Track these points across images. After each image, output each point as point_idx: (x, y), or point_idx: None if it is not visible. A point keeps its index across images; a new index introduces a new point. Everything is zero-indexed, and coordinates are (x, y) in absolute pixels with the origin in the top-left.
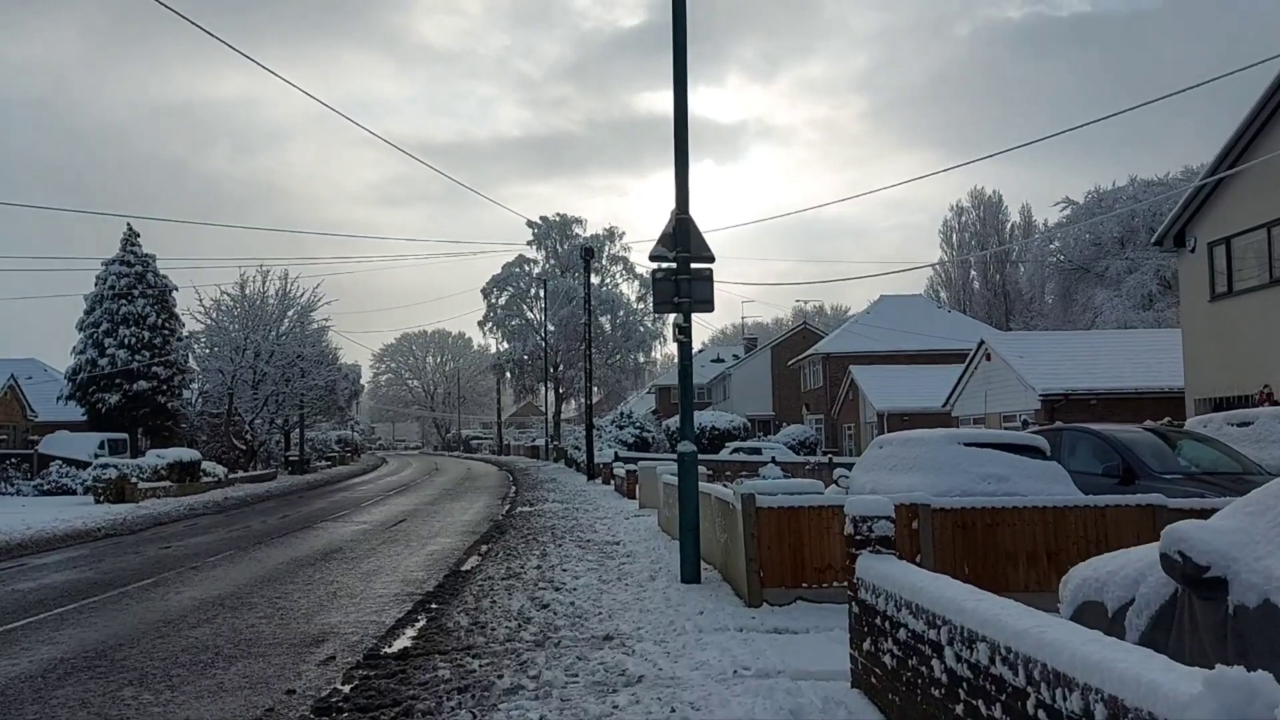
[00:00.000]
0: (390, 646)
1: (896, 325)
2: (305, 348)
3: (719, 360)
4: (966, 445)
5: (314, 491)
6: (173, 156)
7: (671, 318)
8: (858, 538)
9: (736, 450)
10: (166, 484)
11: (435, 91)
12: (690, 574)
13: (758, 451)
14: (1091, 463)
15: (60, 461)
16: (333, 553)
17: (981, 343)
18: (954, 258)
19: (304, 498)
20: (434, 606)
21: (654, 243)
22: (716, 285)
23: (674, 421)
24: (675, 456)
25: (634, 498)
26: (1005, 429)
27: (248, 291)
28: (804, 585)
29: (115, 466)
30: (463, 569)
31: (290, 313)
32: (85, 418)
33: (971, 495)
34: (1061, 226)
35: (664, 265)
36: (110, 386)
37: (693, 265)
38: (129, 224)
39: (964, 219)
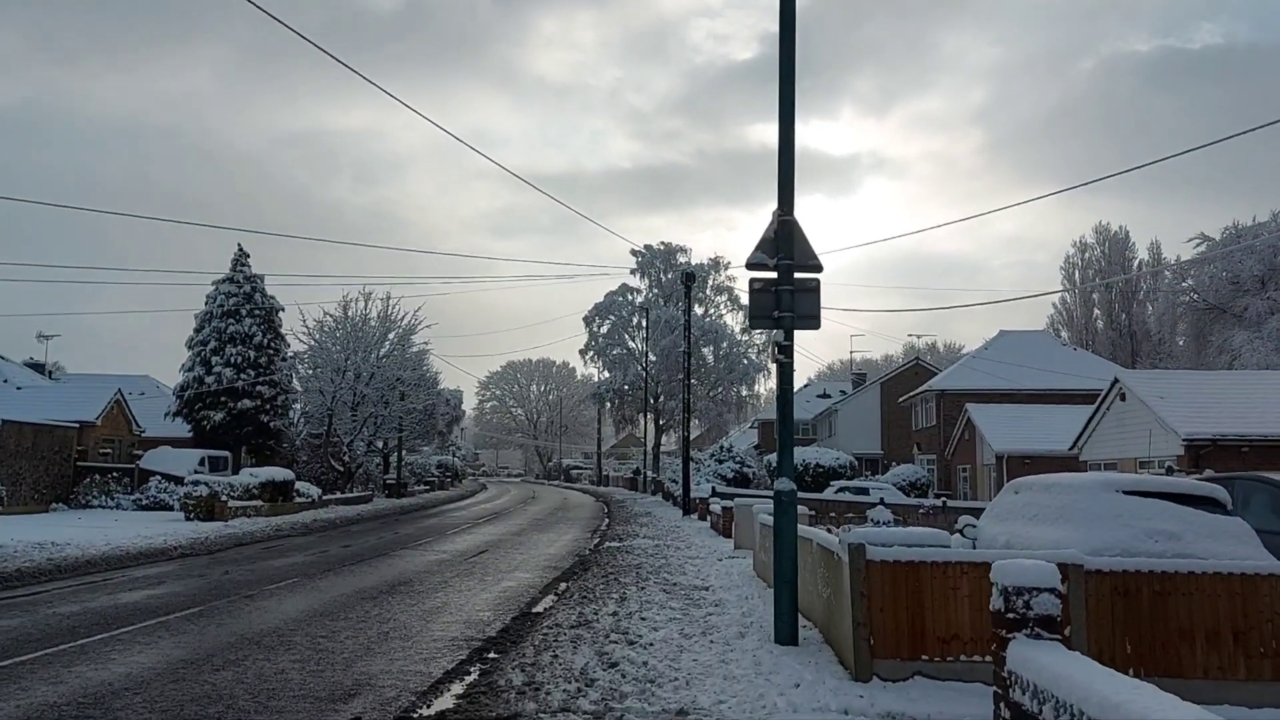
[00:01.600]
0: (428, 707)
1: (1016, 363)
2: (405, 371)
3: (825, 395)
4: (1127, 494)
5: (405, 516)
6: (298, 185)
7: (772, 336)
8: (1009, 615)
9: (842, 490)
10: (258, 503)
11: (547, 124)
12: (786, 633)
13: (865, 491)
14: (1272, 519)
15: (159, 477)
16: (401, 585)
17: (1115, 381)
18: (1078, 293)
19: (393, 522)
20: (490, 657)
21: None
22: (824, 316)
23: (776, 457)
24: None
25: (729, 536)
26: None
27: (350, 313)
28: (924, 658)
29: (206, 484)
30: (534, 610)
31: (391, 335)
32: (191, 434)
33: (1134, 555)
34: (1196, 263)
35: (762, 275)
36: (215, 404)
37: (796, 275)
38: (239, 244)
39: (1087, 255)
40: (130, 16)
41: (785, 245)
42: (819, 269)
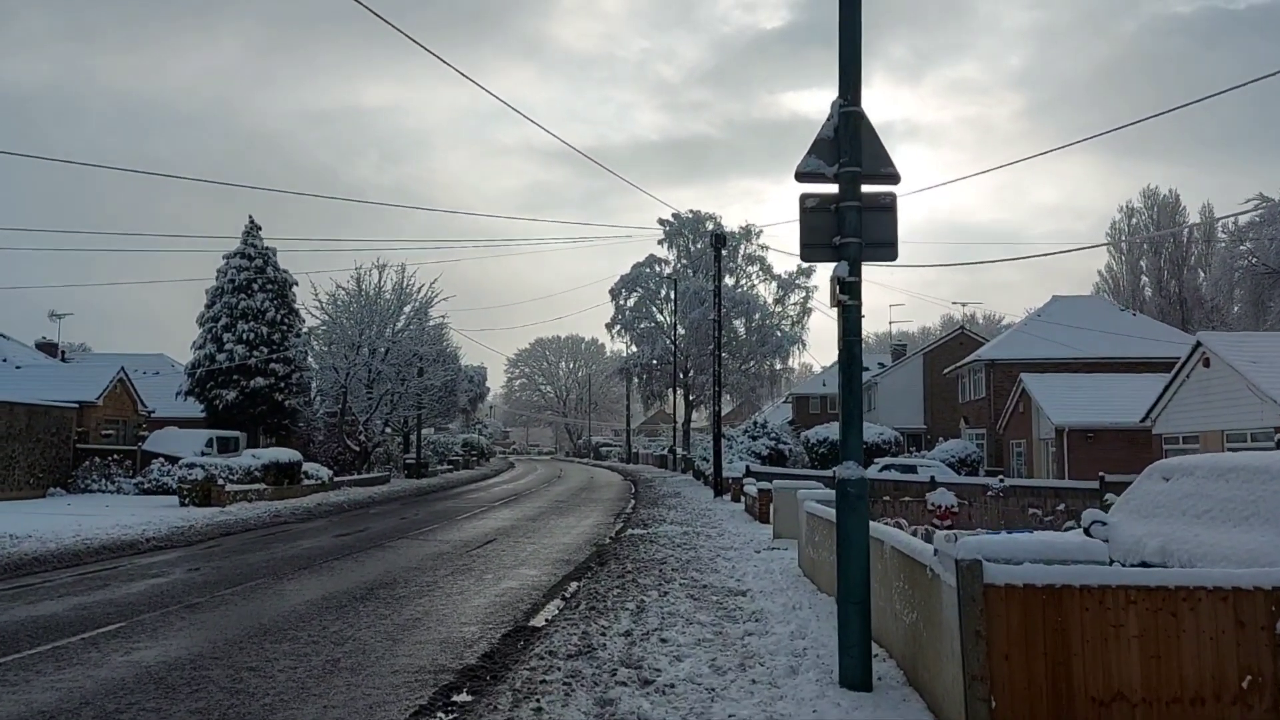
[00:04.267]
0: None
1: (1072, 328)
2: (423, 346)
3: (863, 369)
4: None
5: (420, 499)
6: (322, 164)
7: (829, 274)
8: None
9: (887, 468)
10: (260, 486)
11: (574, 97)
12: (855, 674)
13: (912, 469)
14: None
15: (162, 459)
16: (381, 587)
17: (1197, 345)
18: (1125, 260)
19: (404, 506)
20: (456, 702)
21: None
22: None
23: (814, 433)
24: (818, 476)
25: (766, 522)
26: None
27: (363, 285)
28: None
29: (202, 467)
30: (530, 624)
31: (407, 308)
32: (204, 414)
33: None
34: (1255, 226)
35: (817, 189)
36: (228, 383)
37: (865, 188)
38: (250, 216)
39: (1135, 221)
40: None
41: (850, 146)
42: (895, 178)
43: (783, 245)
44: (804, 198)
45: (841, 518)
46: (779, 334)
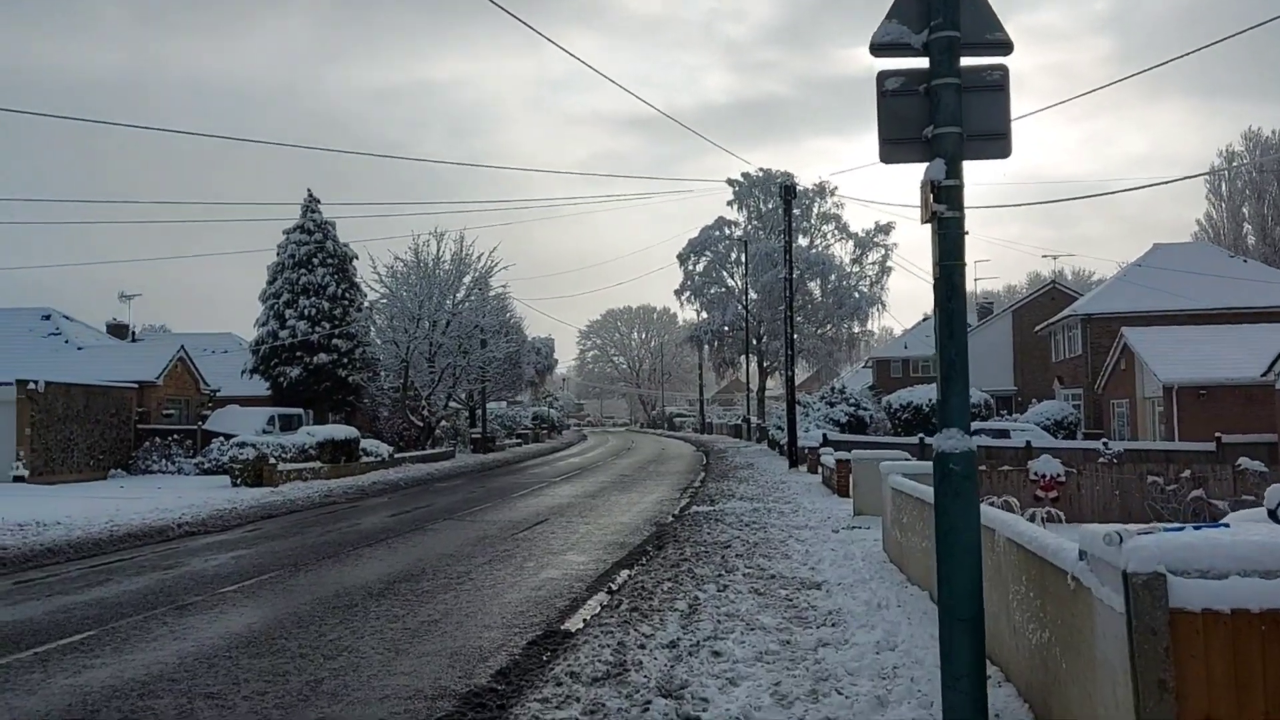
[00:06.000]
0: None
1: (1177, 279)
2: (484, 317)
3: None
4: None
5: (481, 474)
6: (390, 142)
7: (923, 175)
8: None
9: (977, 433)
10: (315, 465)
11: (640, 62)
12: (965, 713)
13: (1004, 434)
14: None
15: (221, 438)
16: (406, 579)
17: None
18: (1226, 207)
19: (461, 483)
20: None
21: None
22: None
23: (897, 397)
24: (902, 444)
25: (846, 495)
26: None
27: (421, 256)
28: None
29: (254, 446)
30: (563, 627)
31: (466, 278)
32: (269, 392)
33: None
34: None
35: (899, 65)
36: (291, 359)
37: (966, 60)
38: (309, 190)
39: (1236, 164)
40: None
41: (944, 3)
42: (1006, 46)
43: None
44: (883, 77)
45: (943, 503)
46: (856, 295)
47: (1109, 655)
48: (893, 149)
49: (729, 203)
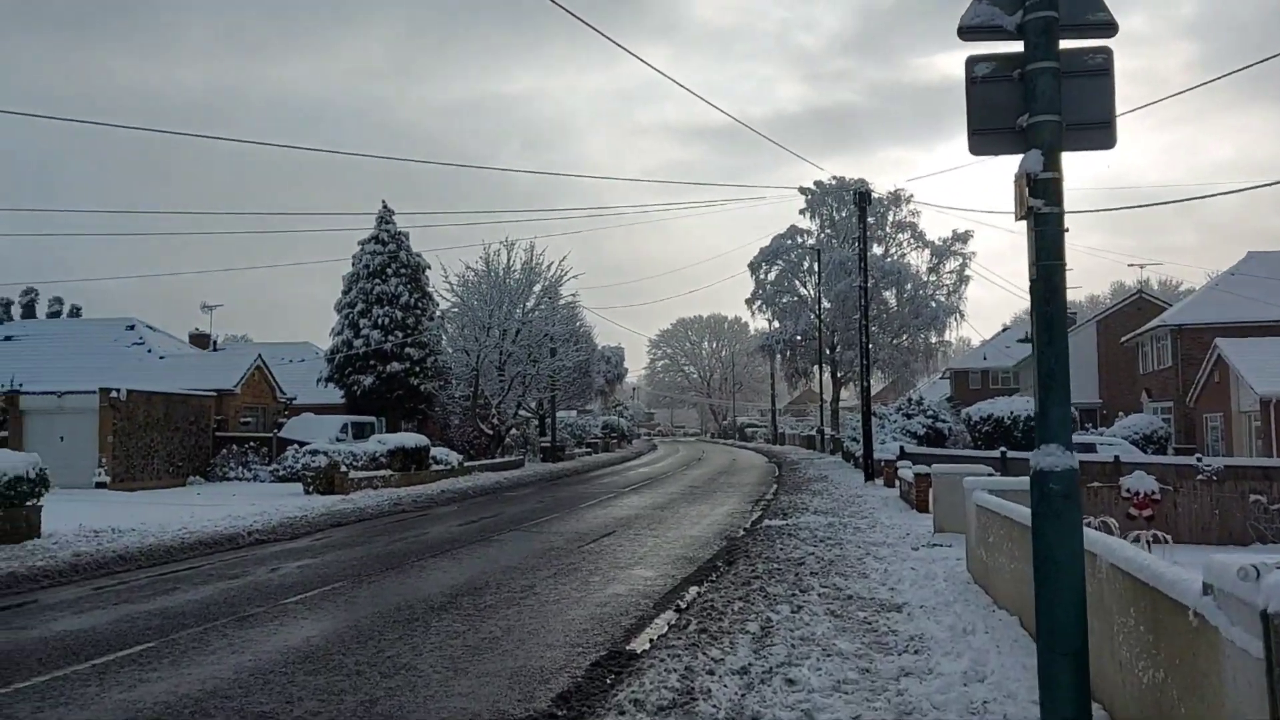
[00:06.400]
0: None
1: (1274, 287)
2: (554, 326)
3: (1027, 340)
4: None
5: (550, 484)
6: (467, 156)
7: (1016, 168)
8: None
9: None
10: (386, 473)
11: (712, 73)
12: None
13: (1091, 448)
14: None
15: (296, 445)
16: (470, 592)
17: None
18: None
19: (530, 492)
20: None
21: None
22: (1015, 250)
23: (977, 409)
24: (983, 458)
25: (925, 511)
26: None
27: (491, 265)
28: None
29: (325, 454)
30: (628, 648)
31: (536, 287)
32: (344, 400)
33: None
34: None
35: (991, 52)
36: (365, 368)
37: (1065, 43)
38: (383, 201)
39: None
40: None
41: None
42: (1109, 27)
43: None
44: (972, 63)
45: (1041, 525)
46: (933, 305)
47: (1241, 705)
48: (982, 140)
49: (801, 211)
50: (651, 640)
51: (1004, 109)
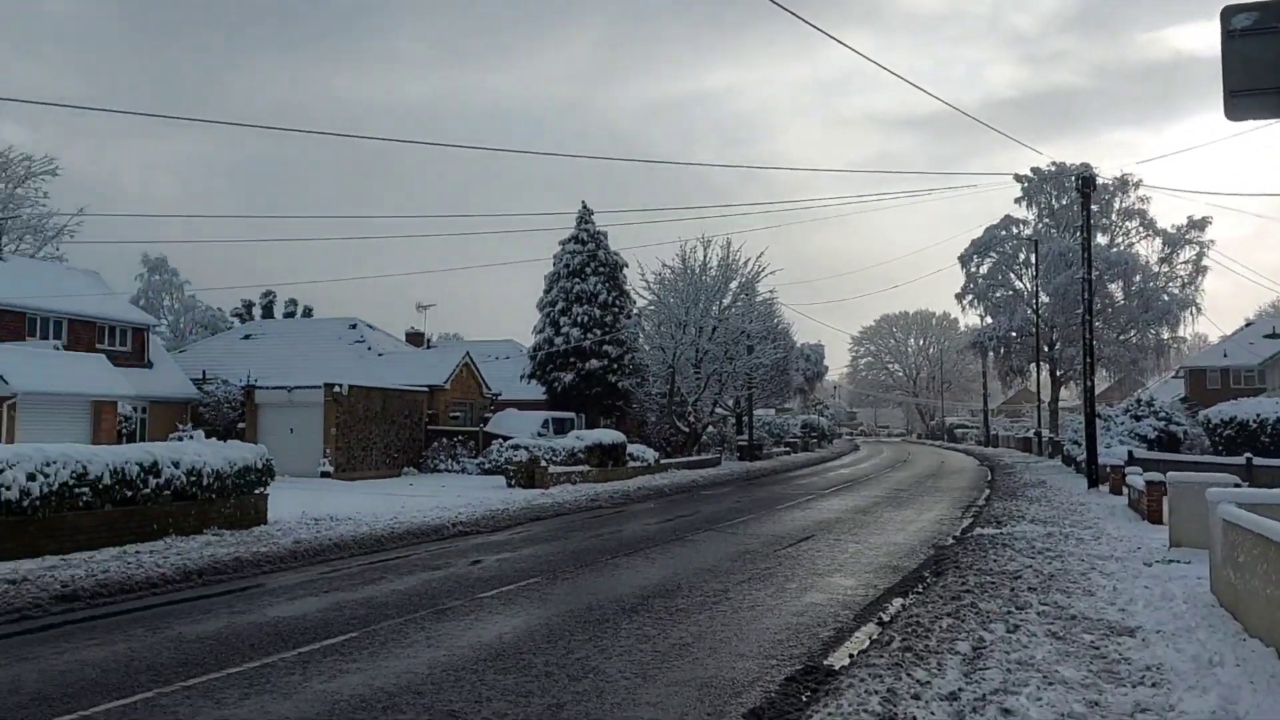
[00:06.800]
0: None
1: None
2: (751, 323)
3: (1274, 335)
4: None
5: (746, 483)
6: (665, 155)
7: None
8: None
9: None
10: (584, 468)
11: (919, 60)
12: None
13: None
14: None
15: (500, 439)
16: (661, 594)
17: None
18: None
19: (725, 491)
20: None
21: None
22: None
23: (1217, 411)
24: (1226, 465)
25: (1159, 523)
26: None
27: (688, 263)
28: None
29: (526, 448)
30: (825, 663)
31: (733, 284)
32: (545, 396)
33: None
34: None
35: (1248, 4)
36: (565, 365)
37: None
38: (583, 201)
39: None
40: (510, 10)
41: None
42: None
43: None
44: (1229, 13)
45: None
46: (1165, 298)
47: None
48: (1242, 103)
49: (1016, 200)
50: (851, 656)
51: (1268, 66)
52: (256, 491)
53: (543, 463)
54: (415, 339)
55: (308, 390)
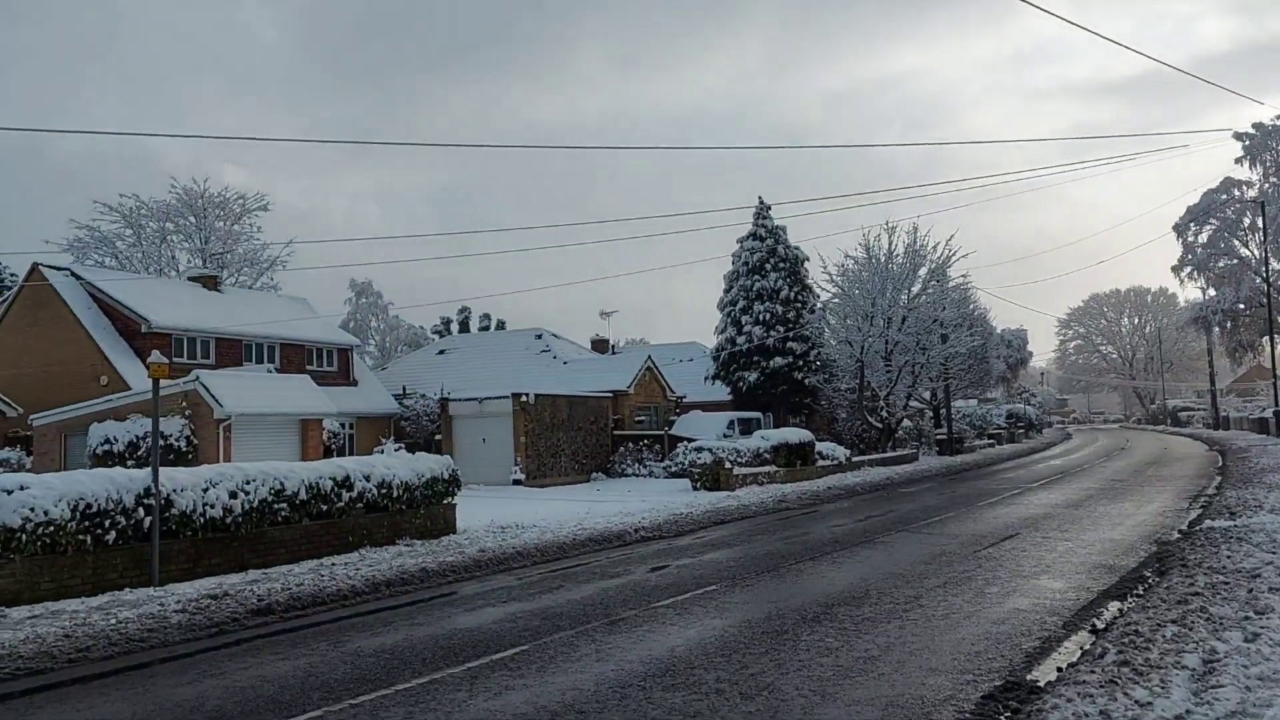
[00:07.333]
0: None
1: None
2: (943, 310)
3: None
4: None
5: (945, 479)
6: (849, 142)
7: None
8: None
9: None
10: (770, 469)
11: (1120, 20)
12: None
13: None
14: None
15: (685, 442)
16: (847, 601)
17: None
18: None
19: (922, 489)
20: None
21: None
22: None
23: None
24: None
25: None
26: None
27: (872, 253)
28: None
29: (710, 450)
30: (1029, 678)
31: (921, 271)
32: (730, 396)
33: None
34: None
35: None
36: (748, 364)
37: None
38: (759, 197)
39: None
40: (688, 13)
41: None
42: None
43: None
44: None
45: None
46: None
47: None
48: None
49: (1237, 160)
50: (1058, 670)
51: None
52: (445, 501)
53: (727, 464)
54: (600, 346)
55: (497, 400)
